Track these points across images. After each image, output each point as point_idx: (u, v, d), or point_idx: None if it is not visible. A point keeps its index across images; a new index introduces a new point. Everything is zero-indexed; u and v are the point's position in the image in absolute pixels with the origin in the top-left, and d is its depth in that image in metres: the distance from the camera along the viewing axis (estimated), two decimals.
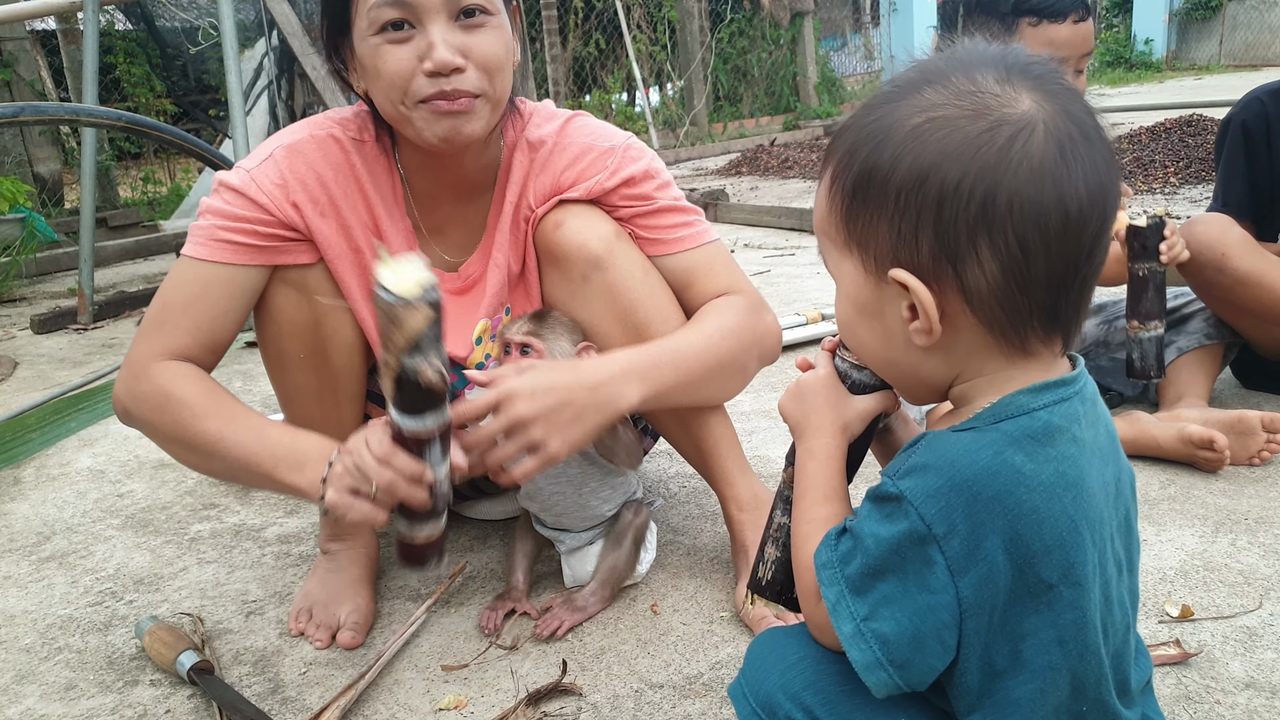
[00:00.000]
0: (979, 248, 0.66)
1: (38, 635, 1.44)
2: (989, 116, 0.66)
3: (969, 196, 0.65)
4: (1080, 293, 0.70)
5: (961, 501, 0.66)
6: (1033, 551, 0.67)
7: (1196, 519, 1.49)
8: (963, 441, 0.69)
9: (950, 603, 0.67)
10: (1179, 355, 1.86)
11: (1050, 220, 0.65)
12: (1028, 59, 0.70)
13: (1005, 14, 1.67)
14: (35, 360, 3.20)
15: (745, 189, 6.48)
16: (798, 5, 10.61)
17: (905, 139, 0.67)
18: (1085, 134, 0.67)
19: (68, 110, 2.66)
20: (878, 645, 0.69)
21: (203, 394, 1.17)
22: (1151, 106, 8.51)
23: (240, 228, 1.20)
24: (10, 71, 5.96)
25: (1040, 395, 0.70)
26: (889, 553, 0.69)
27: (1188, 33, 16.53)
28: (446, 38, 1.12)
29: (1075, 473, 0.68)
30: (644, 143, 1.37)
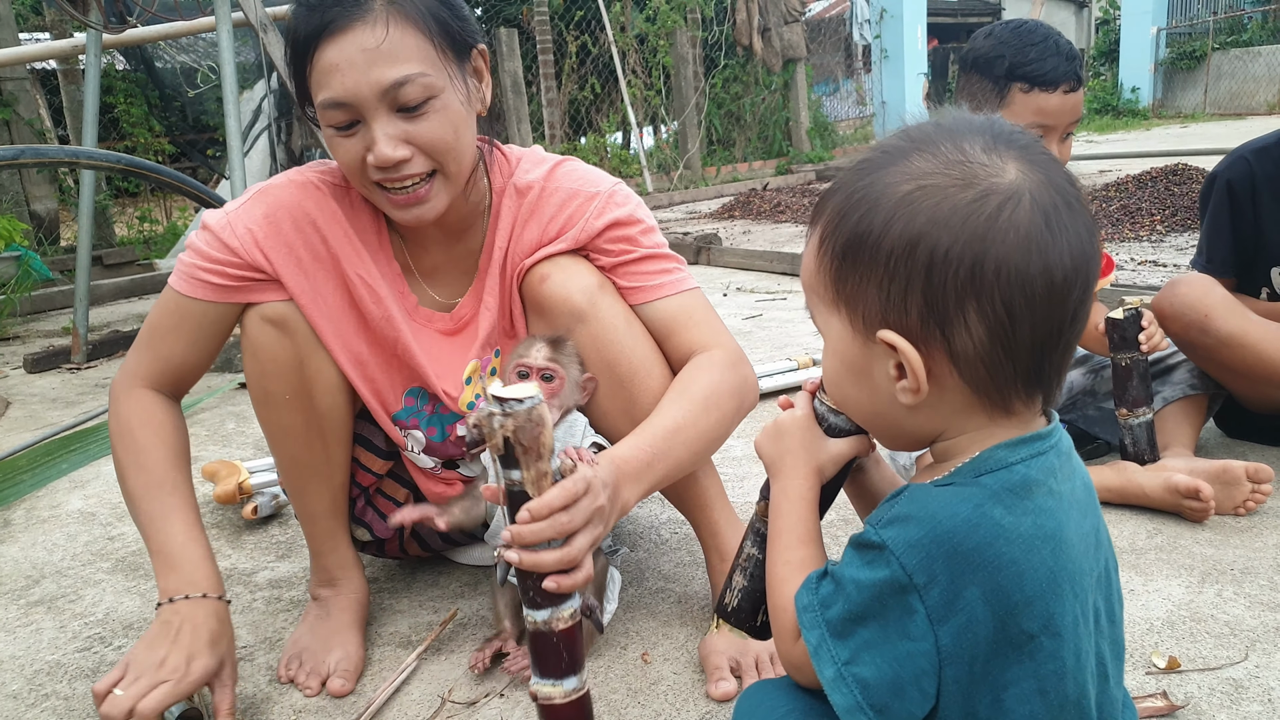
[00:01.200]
0: (966, 313, 0.68)
1: (25, 681, 1.43)
2: (977, 186, 0.68)
3: (958, 263, 0.67)
4: (1063, 355, 0.72)
5: (942, 553, 0.69)
6: (1014, 603, 0.68)
7: (1183, 569, 1.50)
8: (944, 495, 0.71)
9: (929, 650, 0.69)
10: (1164, 405, 1.89)
11: (1036, 287, 0.67)
12: (1011, 128, 0.73)
13: (999, 76, 1.70)
14: (28, 400, 3.20)
15: (738, 233, 6.54)
16: (790, 52, 10.79)
17: (896, 205, 0.70)
18: (1068, 203, 0.69)
19: (68, 153, 2.69)
20: (858, 689, 0.71)
21: (151, 446, 1.29)
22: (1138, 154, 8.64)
23: (212, 268, 1.27)
24: (10, 111, 6.02)
25: (1017, 450, 0.72)
26: (870, 599, 0.71)
27: (1173, 81, 16.84)
28: (388, 131, 1.16)
29: (1053, 525, 0.71)
30: (632, 188, 1.40)
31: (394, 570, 1.72)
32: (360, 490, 1.51)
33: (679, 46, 9.74)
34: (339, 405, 1.36)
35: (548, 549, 0.94)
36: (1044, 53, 1.67)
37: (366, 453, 1.48)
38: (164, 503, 1.26)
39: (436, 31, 1.16)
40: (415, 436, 1.42)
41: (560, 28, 9.50)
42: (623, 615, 1.49)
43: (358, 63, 1.13)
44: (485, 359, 1.38)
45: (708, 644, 1.32)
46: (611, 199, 1.33)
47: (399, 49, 1.13)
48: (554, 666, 0.96)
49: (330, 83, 1.14)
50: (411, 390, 1.40)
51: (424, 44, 1.15)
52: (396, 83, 1.13)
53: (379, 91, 1.13)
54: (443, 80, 1.17)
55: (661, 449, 1.13)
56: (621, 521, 1.84)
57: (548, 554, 0.94)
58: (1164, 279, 3.77)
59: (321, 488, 1.41)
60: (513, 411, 0.89)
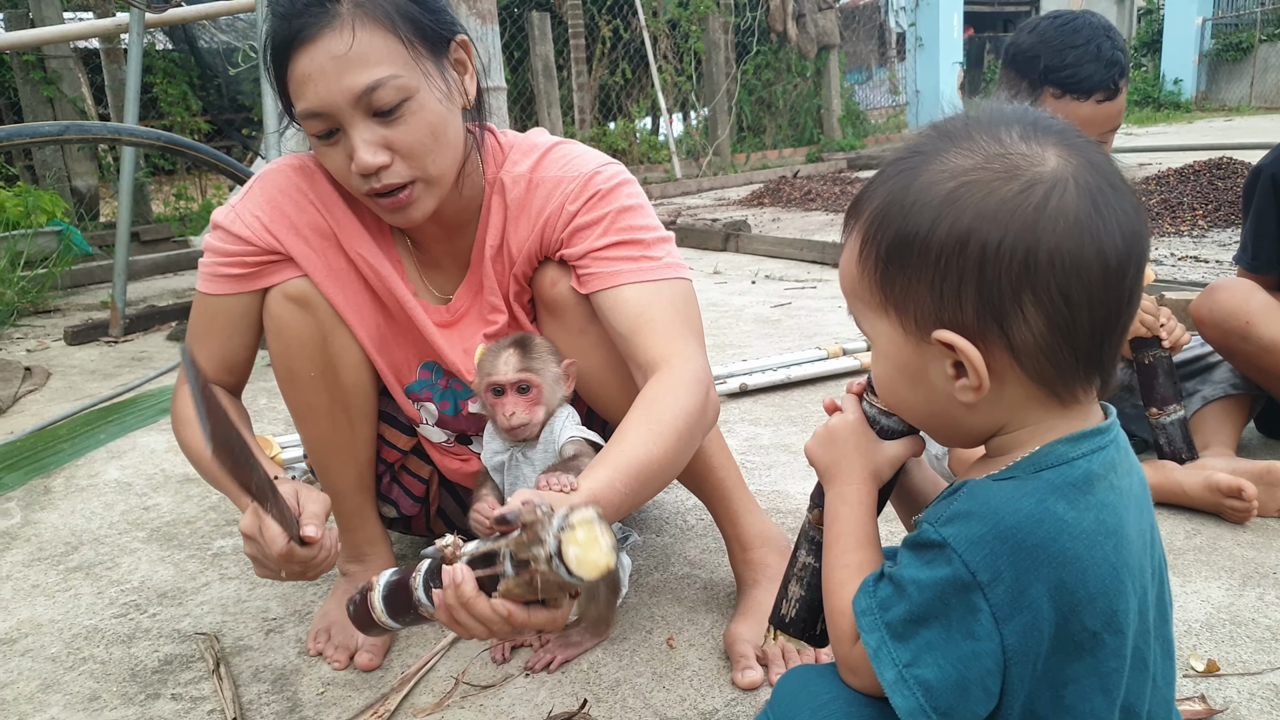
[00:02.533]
0: (1024, 305, 0.67)
1: (63, 645, 1.46)
2: (1021, 176, 0.67)
3: (1010, 255, 0.66)
4: (1120, 337, 0.71)
5: (1006, 549, 0.67)
6: (1077, 599, 0.68)
7: (1223, 571, 1.48)
8: (1005, 490, 0.70)
9: (995, 650, 0.68)
10: (1204, 404, 1.86)
11: (1092, 271, 0.67)
12: (1042, 115, 0.72)
13: (1033, 77, 1.64)
14: (67, 371, 3.25)
15: (767, 220, 6.50)
16: (824, 38, 10.69)
17: (941, 204, 0.68)
18: (1112, 184, 0.68)
19: (110, 130, 2.72)
20: (921, 692, 0.69)
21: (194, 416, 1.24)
22: (1180, 148, 8.49)
23: (229, 261, 1.29)
24: (54, 89, 6.09)
25: (1079, 444, 0.71)
26: (932, 599, 0.69)
27: (1218, 74, 16.50)
28: (365, 138, 1.14)
29: (1115, 520, 0.70)
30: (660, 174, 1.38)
31: (422, 546, 1.72)
32: (386, 467, 1.52)
33: (711, 32, 9.67)
34: (363, 382, 1.37)
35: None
36: (1081, 57, 1.60)
37: (391, 429, 1.49)
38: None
39: (406, 30, 1.14)
40: (428, 409, 1.43)
41: (592, 12, 9.47)
42: (648, 599, 1.49)
43: (328, 71, 1.10)
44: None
45: (733, 631, 1.32)
46: (590, 181, 1.28)
47: (368, 53, 1.11)
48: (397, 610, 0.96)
49: (305, 93, 1.13)
50: (426, 364, 1.41)
51: (393, 44, 1.13)
52: (368, 88, 1.11)
53: (351, 98, 1.11)
54: (416, 80, 1.14)
55: (634, 488, 1.06)
56: (646, 506, 1.84)
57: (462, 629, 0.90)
58: (1205, 275, 3.71)
59: (347, 465, 1.42)
60: (555, 576, 0.81)
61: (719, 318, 3.54)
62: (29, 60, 6.01)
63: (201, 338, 1.33)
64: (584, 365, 1.33)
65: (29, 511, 2.01)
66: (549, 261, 1.32)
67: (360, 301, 1.33)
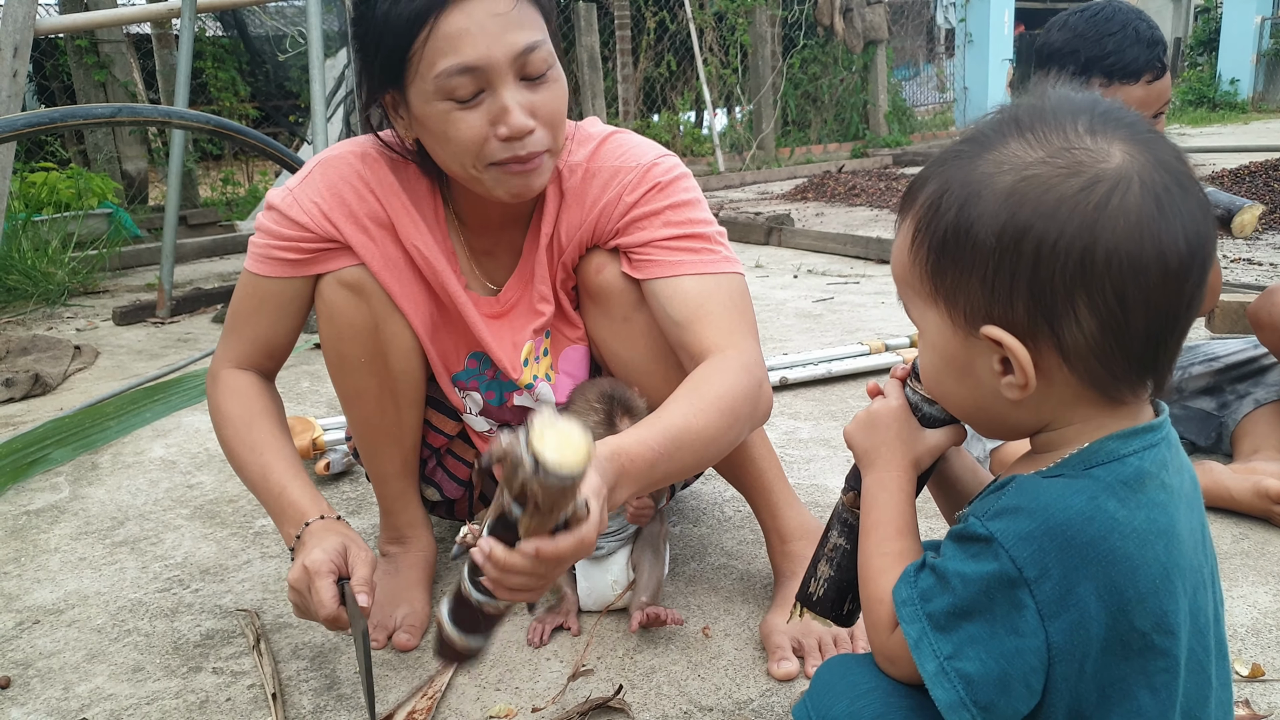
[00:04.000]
0: (1077, 306, 0.66)
1: (109, 617, 1.49)
2: (1084, 174, 0.65)
3: (1066, 254, 0.65)
4: (1178, 340, 0.69)
5: (1055, 546, 0.66)
6: (1126, 599, 0.66)
7: (1271, 576, 1.44)
8: (1055, 487, 0.68)
9: (1039, 647, 0.67)
10: (1256, 408, 1.81)
11: (1150, 274, 0.64)
12: (1112, 105, 0.70)
13: (1076, 72, 1.61)
14: (115, 351, 3.32)
15: (810, 215, 6.45)
16: (872, 33, 10.57)
17: (999, 197, 0.67)
18: (1180, 183, 0.66)
19: (160, 112, 2.77)
20: (962, 685, 0.69)
21: (242, 415, 1.31)
22: (1236, 148, 8.29)
23: (284, 245, 1.28)
24: (106, 73, 6.20)
25: (1130, 441, 0.69)
26: (977, 593, 0.68)
27: (1276, 73, 16.06)
28: (519, 99, 1.12)
29: (1166, 520, 0.68)
30: (703, 167, 1.37)
31: None
32: (431, 451, 1.53)
33: (758, 25, 9.61)
34: (413, 369, 1.38)
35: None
36: (1122, 43, 1.57)
37: (439, 414, 1.50)
38: (257, 464, 1.27)
39: (545, 4, 1.16)
40: (474, 398, 1.44)
41: (639, 3, 9.44)
42: (685, 589, 1.49)
43: (489, 28, 1.09)
44: (538, 341, 1.38)
45: (769, 622, 1.32)
46: (648, 173, 1.28)
47: (525, 16, 1.12)
48: (468, 625, 0.95)
49: (460, 48, 1.09)
50: (474, 354, 1.41)
51: (538, 14, 1.15)
52: (528, 47, 1.11)
53: (512, 55, 1.10)
54: (555, 51, 1.17)
55: (669, 450, 1.05)
56: (684, 495, 1.84)
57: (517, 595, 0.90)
58: (1258, 278, 3.62)
59: (393, 450, 1.43)
60: (545, 480, 0.79)
61: (760, 311, 3.52)
62: (82, 44, 6.13)
63: (246, 317, 1.33)
64: (628, 353, 1.33)
65: (77, 486, 2.06)
66: (596, 249, 1.32)
67: (414, 290, 1.34)
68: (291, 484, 1.25)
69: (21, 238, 4.34)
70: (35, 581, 1.62)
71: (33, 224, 4.58)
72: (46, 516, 1.90)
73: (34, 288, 4.14)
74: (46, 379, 2.84)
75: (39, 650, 1.40)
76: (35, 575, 1.64)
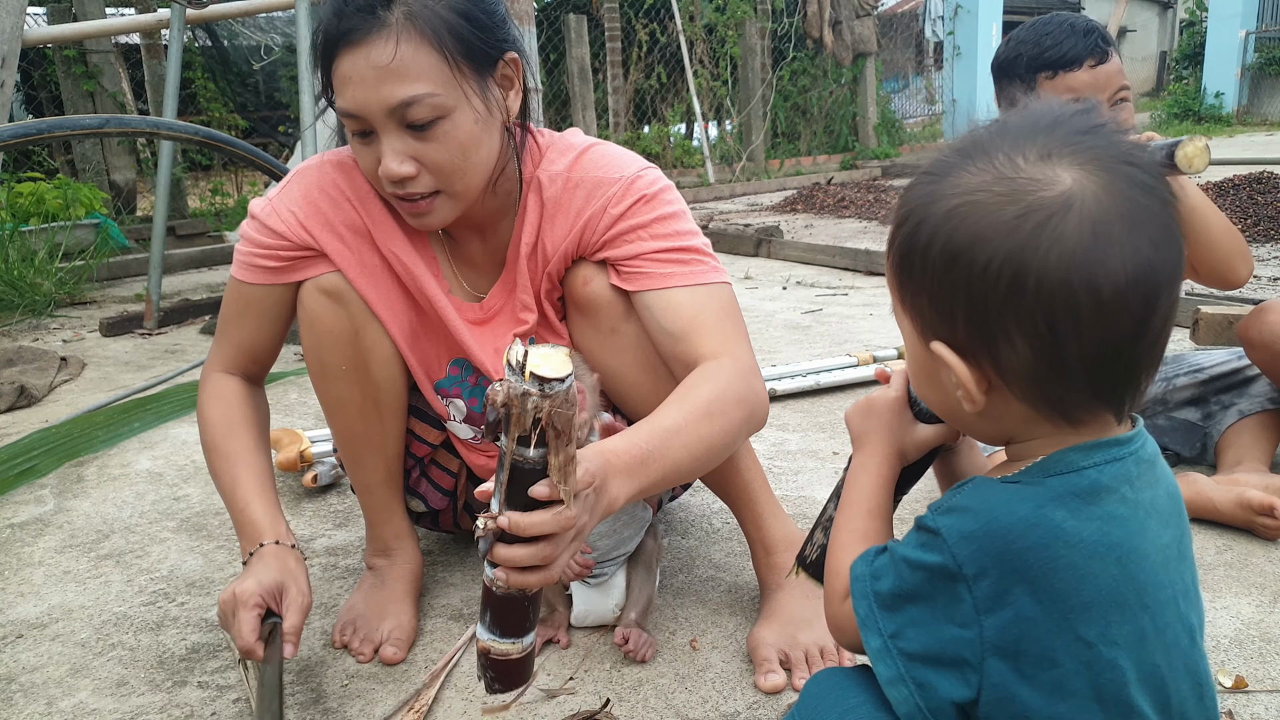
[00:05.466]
0: (1010, 330, 0.68)
1: (93, 630, 1.48)
2: (1023, 201, 0.66)
3: (997, 280, 0.67)
4: (1132, 371, 0.69)
5: (995, 549, 0.68)
6: (1069, 607, 0.68)
7: (1254, 587, 1.45)
8: (1006, 492, 0.71)
9: (973, 639, 0.69)
10: (1240, 418, 1.83)
11: (1080, 303, 0.65)
12: (1087, 124, 0.70)
13: (1023, 73, 1.69)
14: (102, 362, 3.30)
15: (800, 226, 6.48)
16: (861, 46, 10.63)
17: (941, 220, 0.69)
18: (1135, 213, 0.66)
19: (149, 124, 2.77)
20: (903, 663, 0.73)
21: (221, 423, 1.35)
22: (1220, 161, 8.35)
23: (264, 253, 1.31)
24: (94, 83, 6.19)
25: (1091, 454, 0.71)
26: (921, 581, 0.72)
27: (1260, 88, 16.22)
28: (396, 147, 1.16)
29: (1122, 534, 0.69)
30: (693, 179, 1.38)
31: (448, 544, 1.74)
32: (415, 461, 1.53)
33: (748, 38, 9.65)
34: (394, 377, 1.39)
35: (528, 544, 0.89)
36: (1058, 36, 1.65)
37: (421, 423, 1.50)
38: (230, 475, 1.31)
39: (452, 48, 1.14)
40: (458, 405, 1.44)
41: (629, 15, 9.48)
42: (672, 601, 1.49)
43: (368, 79, 1.12)
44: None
45: (756, 635, 1.32)
46: (633, 185, 1.28)
47: (410, 67, 1.11)
48: (517, 627, 0.94)
49: (344, 93, 1.15)
50: (456, 360, 1.42)
51: (436, 62, 1.13)
52: (404, 102, 1.12)
53: (386, 109, 1.13)
54: (454, 99, 1.15)
55: (658, 448, 1.05)
56: (672, 508, 1.84)
57: (531, 576, 0.90)
58: (1242, 291, 3.65)
59: (376, 459, 1.43)
60: (552, 393, 0.80)
61: (749, 323, 3.50)
62: (70, 55, 6.11)
63: (232, 322, 1.37)
64: (615, 364, 1.33)
65: (62, 499, 2.05)
66: (582, 260, 1.32)
67: (393, 298, 1.35)
68: (255, 501, 1.28)
69: (8, 248, 4.32)
70: (19, 595, 1.61)
71: (19, 234, 4.56)
72: (31, 529, 1.89)
73: (20, 299, 4.12)
74: (32, 390, 2.82)
75: (22, 665, 1.39)
76: (19, 589, 1.63)
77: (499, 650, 0.94)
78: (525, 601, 0.93)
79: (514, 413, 0.82)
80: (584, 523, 0.93)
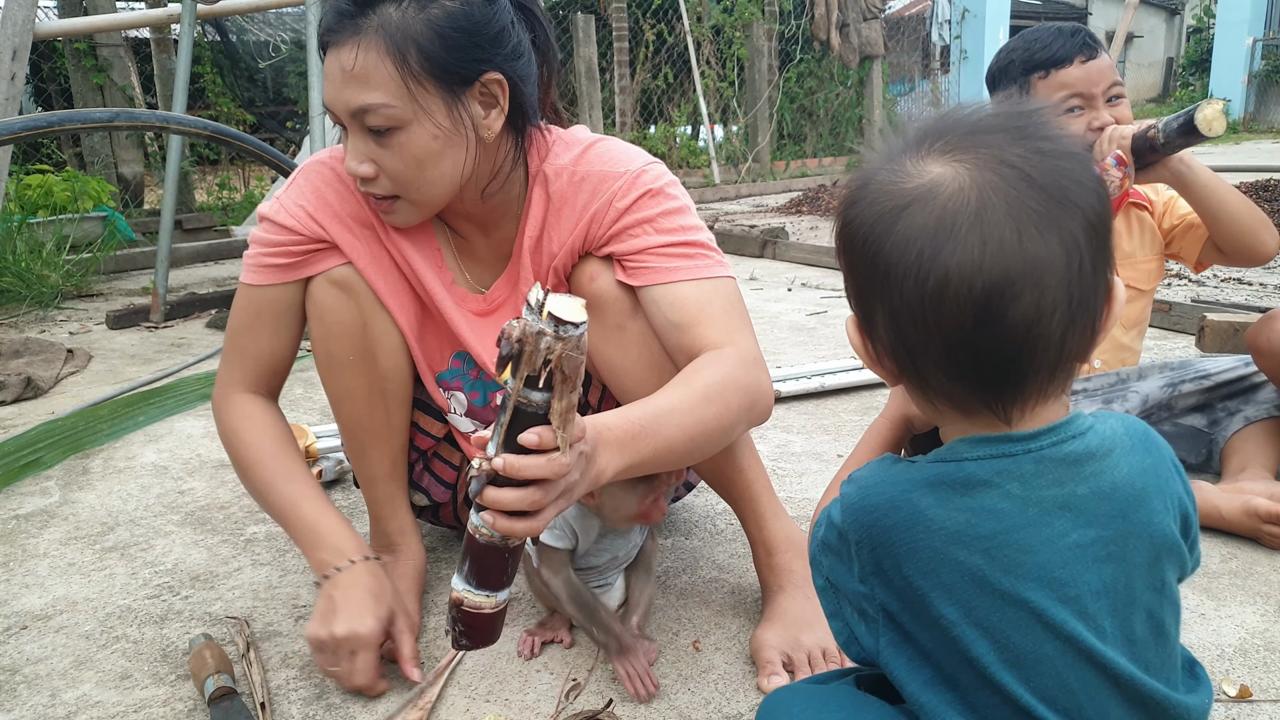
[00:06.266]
0: (874, 310, 0.75)
1: (97, 623, 1.48)
2: (892, 191, 0.72)
3: (861, 265, 0.74)
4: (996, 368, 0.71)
5: (867, 522, 0.76)
6: (927, 587, 0.73)
7: (1259, 596, 1.45)
8: (890, 472, 0.78)
9: (869, 596, 0.77)
10: (1245, 425, 1.82)
11: (908, 292, 0.70)
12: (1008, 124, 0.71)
13: (1016, 77, 1.75)
14: (108, 355, 3.31)
15: (805, 228, 6.48)
16: (868, 49, 10.63)
17: (846, 204, 0.76)
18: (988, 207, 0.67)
19: (158, 118, 2.77)
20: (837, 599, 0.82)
21: (260, 442, 1.36)
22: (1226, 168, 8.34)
23: (276, 251, 1.32)
24: (104, 76, 6.21)
25: (978, 447, 0.74)
26: (835, 537, 0.80)
27: (1267, 95, 16.19)
28: (359, 147, 1.21)
29: (994, 527, 0.72)
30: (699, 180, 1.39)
31: (452, 541, 1.74)
32: (419, 455, 1.54)
33: (755, 39, 9.65)
34: (400, 367, 1.39)
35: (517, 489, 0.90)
36: (1047, 39, 1.72)
37: (425, 416, 1.50)
38: (288, 490, 1.33)
39: (416, 63, 1.15)
40: (459, 398, 1.45)
41: (637, 15, 9.48)
42: (675, 602, 1.49)
43: (336, 80, 1.18)
44: None
45: (759, 637, 1.32)
46: (638, 180, 1.28)
47: (369, 75, 1.15)
48: (494, 580, 0.96)
49: (325, 89, 1.21)
50: (459, 354, 1.43)
51: (394, 75, 1.15)
52: (360, 108, 1.17)
53: (347, 112, 1.18)
54: (409, 113, 1.17)
55: (650, 426, 1.06)
56: (675, 508, 1.84)
57: (517, 523, 0.91)
58: (1248, 297, 3.64)
59: (381, 450, 1.43)
60: (566, 336, 0.83)
61: (754, 324, 3.53)
62: (80, 48, 6.13)
63: (244, 333, 1.36)
64: (621, 361, 1.33)
65: (67, 491, 2.05)
66: (589, 256, 1.32)
67: (399, 289, 1.36)
68: (328, 515, 1.33)
69: (16, 240, 4.33)
70: (23, 586, 1.61)
71: (28, 226, 4.57)
72: (36, 521, 1.89)
73: (27, 290, 4.13)
74: (38, 382, 2.83)
75: (26, 656, 1.39)
76: (24, 580, 1.64)
77: (472, 602, 0.96)
78: (505, 554, 0.95)
79: (526, 350, 0.84)
80: (574, 481, 0.95)
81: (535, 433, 0.89)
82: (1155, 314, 3.16)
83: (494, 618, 0.99)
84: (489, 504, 0.91)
